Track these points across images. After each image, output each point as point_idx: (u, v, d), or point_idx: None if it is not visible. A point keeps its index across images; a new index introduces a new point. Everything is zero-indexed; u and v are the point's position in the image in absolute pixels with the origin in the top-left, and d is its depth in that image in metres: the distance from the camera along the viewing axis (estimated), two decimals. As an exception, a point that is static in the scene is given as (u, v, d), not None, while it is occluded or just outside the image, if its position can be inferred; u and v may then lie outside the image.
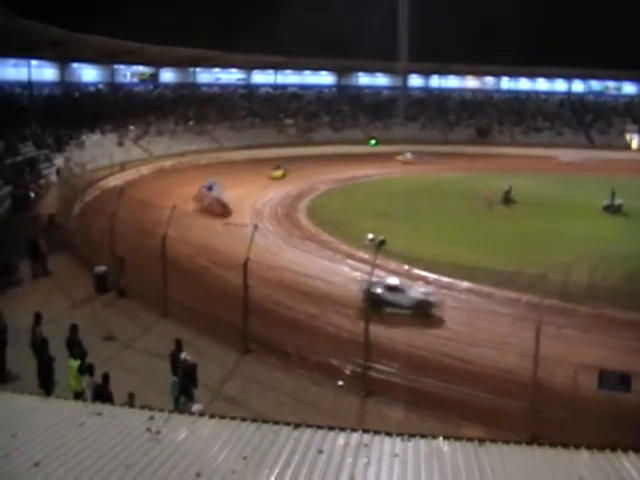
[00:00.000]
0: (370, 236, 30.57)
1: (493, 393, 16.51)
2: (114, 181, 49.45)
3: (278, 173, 62.92)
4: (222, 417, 8.12)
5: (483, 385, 17.29)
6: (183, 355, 15.76)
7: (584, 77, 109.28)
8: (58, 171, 46.57)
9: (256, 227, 25.22)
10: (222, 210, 42.41)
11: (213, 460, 6.84)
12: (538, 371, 15.64)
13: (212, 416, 8.20)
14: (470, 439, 7.39)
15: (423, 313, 23.94)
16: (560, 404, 15.76)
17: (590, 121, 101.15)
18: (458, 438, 7.42)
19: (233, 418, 8.02)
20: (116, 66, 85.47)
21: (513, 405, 15.88)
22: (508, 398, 16.16)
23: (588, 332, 22.38)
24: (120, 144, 66.93)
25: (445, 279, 29.05)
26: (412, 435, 7.35)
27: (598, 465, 6.81)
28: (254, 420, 7.88)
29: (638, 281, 28.52)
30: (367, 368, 17.86)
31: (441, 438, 7.33)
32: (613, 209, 45.70)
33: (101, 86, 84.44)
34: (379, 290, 23.90)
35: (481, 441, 7.32)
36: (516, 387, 16.82)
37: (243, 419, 7.94)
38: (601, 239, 36.93)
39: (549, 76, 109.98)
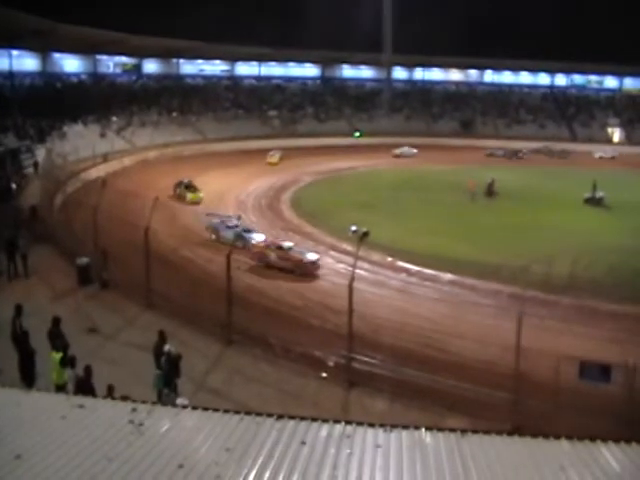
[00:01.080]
0: (353, 228, 30.66)
1: (476, 384, 16.60)
2: (96, 172, 49.15)
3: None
4: (205, 409, 8.11)
5: (466, 376, 17.37)
6: (167, 347, 15.71)
7: (567, 71, 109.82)
8: (36, 165, 45.93)
9: (239, 218, 25.26)
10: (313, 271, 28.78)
11: (196, 451, 6.84)
12: (521, 362, 15.75)
13: (195, 408, 8.19)
14: (452, 430, 7.43)
15: None
16: (542, 395, 15.91)
17: (573, 114, 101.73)
18: (440, 429, 7.46)
19: (216, 410, 8.02)
20: (99, 56, 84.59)
21: (496, 396, 15.98)
22: (491, 389, 16.25)
23: (570, 323, 22.58)
24: (102, 135, 66.36)
25: (428, 271, 29.19)
26: (394, 426, 7.39)
27: (578, 455, 6.88)
28: (237, 412, 7.88)
29: (619, 272, 28.79)
30: (350, 359, 17.90)
31: (423, 429, 7.37)
32: (594, 201, 46.22)
33: (83, 76, 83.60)
34: None
35: (463, 432, 7.37)
36: (499, 378, 16.90)
37: (226, 411, 7.94)
38: (583, 231, 37.25)
39: (532, 69, 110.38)
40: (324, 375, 18.07)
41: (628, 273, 28.74)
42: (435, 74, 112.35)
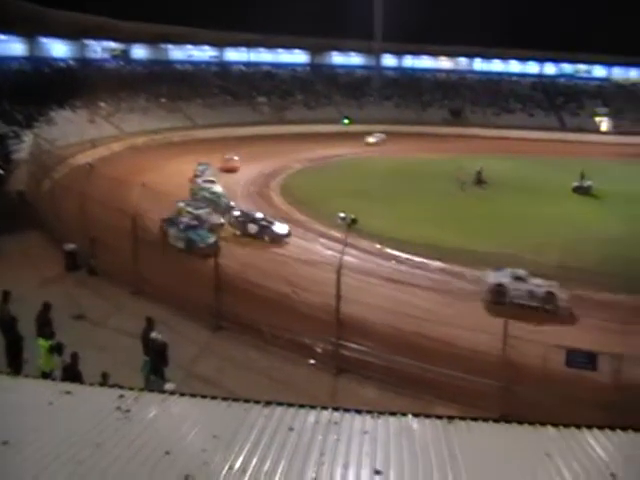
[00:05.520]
0: (342, 215, 30.65)
1: (465, 372, 16.68)
2: (84, 158, 48.80)
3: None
4: (192, 395, 8.08)
5: (455, 364, 17.46)
6: (154, 334, 15.66)
7: (556, 59, 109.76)
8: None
9: (229, 205, 25.17)
10: None
11: (183, 438, 6.81)
12: (510, 350, 15.83)
13: (182, 394, 8.16)
14: (439, 416, 7.44)
15: None
16: (531, 382, 16.01)
17: (561, 103, 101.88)
18: (427, 415, 7.47)
19: (203, 396, 7.99)
20: (86, 41, 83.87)
21: (485, 384, 16.06)
22: (480, 377, 16.33)
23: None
24: (91, 121, 65.96)
25: (417, 259, 29.25)
26: (382, 413, 7.39)
27: (564, 441, 6.91)
28: (224, 398, 7.86)
29: (608, 261, 28.89)
30: (339, 346, 17.94)
31: (410, 415, 7.37)
32: (582, 190, 46.74)
33: (71, 62, 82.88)
34: None
35: (450, 418, 7.38)
36: (488, 366, 16.97)
37: (213, 397, 7.91)
38: (571, 220, 37.48)
39: (521, 58, 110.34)
40: (312, 362, 18.12)
41: (617, 262, 28.84)
42: (425, 62, 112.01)
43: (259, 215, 33.97)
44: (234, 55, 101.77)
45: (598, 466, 6.39)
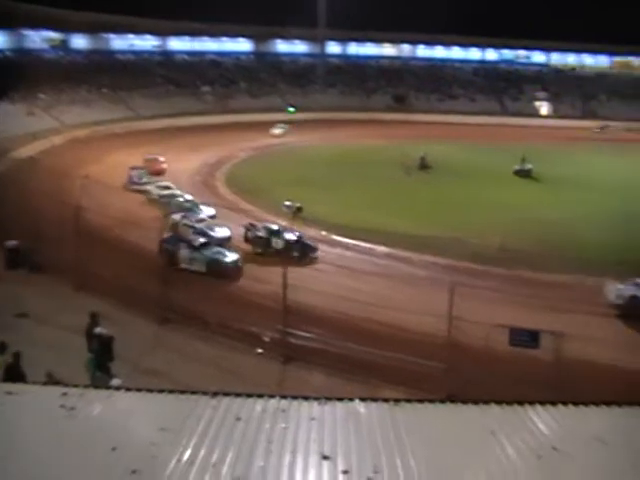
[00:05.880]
0: (287, 203, 30.56)
1: (413, 355, 16.89)
2: (26, 152, 47.62)
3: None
4: (138, 389, 8.02)
5: (403, 348, 17.65)
6: (98, 329, 15.42)
7: (496, 46, 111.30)
8: None
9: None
10: None
11: (130, 433, 6.76)
12: (456, 331, 16.08)
13: (128, 389, 8.09)
14: (386, 400, 7.54)
15: None
16: (476, 362, 16.31)
17: (502, 88, 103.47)
18: (374, 399, 7.55)
19: (150, 390, 7.93)
20: (24, 31, 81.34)
21: (432, 366, 16.28)
22: (427, 359, 16.54)
23: (503, 292, 23.14)
24: (30, 113, 64.24)
25: (364, 244, 29.43)
26: (329, 398, 7.45)
27: (507, 419, 7.08)
28: (171, 391, 7.82)
29: (548, 243, 29.59)
30: (286, 334, 17.98)
31: (357, 400, 7.45)
32: (523, 173, 48.29)
33: (8, 52, 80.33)
34: None
35: (396, 401, 7.48)
36: (435, 348, 17.18)
37: (160, 391, 7.86)
38: (512, 203, 38.31)
39: (463, 44, 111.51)
40: (260, 351, 18.13)
41: (557, 243, 29.58)
42: (369, 49, 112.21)
43: (274, 227, 28.80)
44: (177, 44, 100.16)
45: (540, 441, 6.57)
